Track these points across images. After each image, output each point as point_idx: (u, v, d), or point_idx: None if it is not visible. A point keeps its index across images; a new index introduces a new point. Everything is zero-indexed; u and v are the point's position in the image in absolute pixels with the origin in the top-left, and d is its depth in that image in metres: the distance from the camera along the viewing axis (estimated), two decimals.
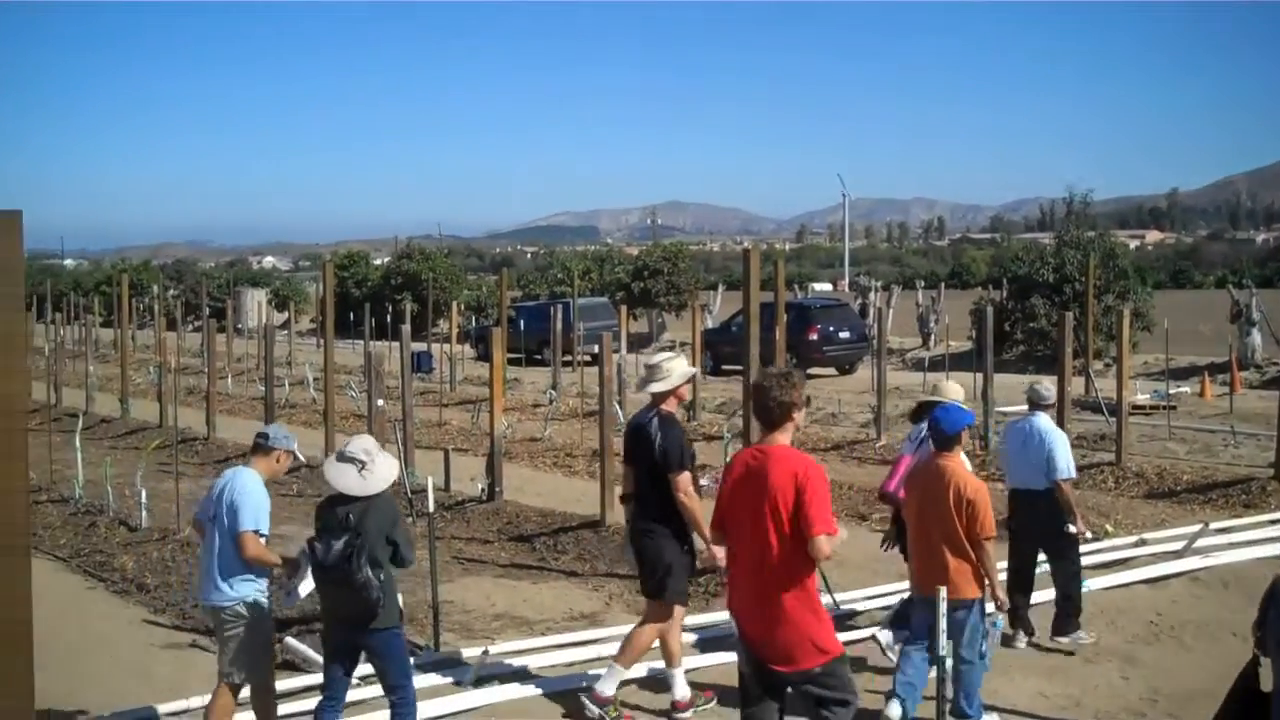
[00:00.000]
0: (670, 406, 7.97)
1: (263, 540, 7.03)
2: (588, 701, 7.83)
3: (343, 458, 6.90)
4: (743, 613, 6.09)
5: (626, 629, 9.64)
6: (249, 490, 7.02)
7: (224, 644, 7.10)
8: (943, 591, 6.36)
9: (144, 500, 13.36)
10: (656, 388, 7.96)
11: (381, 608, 6.65)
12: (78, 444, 15.44)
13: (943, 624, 6.29)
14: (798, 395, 6.05)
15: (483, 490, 14.39)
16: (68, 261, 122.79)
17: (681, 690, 7.95)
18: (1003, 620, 7.88)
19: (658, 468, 7.73)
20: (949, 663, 6.48)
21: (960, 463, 7.65)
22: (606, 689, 7.85)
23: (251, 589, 7.03)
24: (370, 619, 6.66)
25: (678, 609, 8.00)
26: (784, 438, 6.02)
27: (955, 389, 9.03)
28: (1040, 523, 9.33)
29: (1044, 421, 9.45)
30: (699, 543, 7.88)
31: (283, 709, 8.00)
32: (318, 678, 8.55)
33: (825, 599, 9.73)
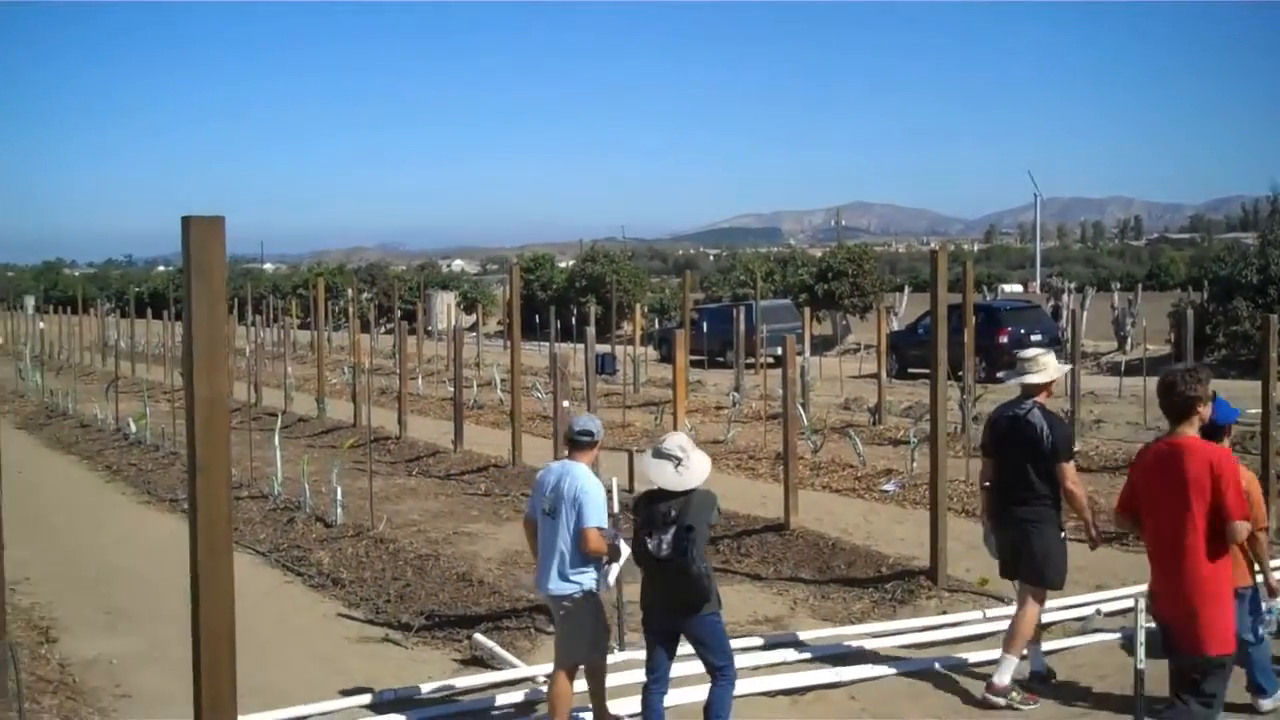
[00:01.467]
0: (1043, 399, 8.31)
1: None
2: (990, 696, 8.05)
3: (659, 454, 7.13)
4: (1159, 595, 6.51)
5: (810, 633, 9.59)
6: (590, 488, 7.32)
7: (565, 631, 7.45)
8: None
9: (339, 497, 13.74)
10: (1035, 379, 8.31)
11: (710, 594, 6.95)
12: (277, 442, 15.96)
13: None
14: (1203, 390, 6.45)
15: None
16: (267, 265, 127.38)
17: (1004, 677, 8.11)
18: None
19: (1041, 458, 8.06)
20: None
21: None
22: (1003, 679, 8.06)
23: (590, 578, 7.35)
24: (700, 606, 6.95)
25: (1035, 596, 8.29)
26: (1191, 430, 6.42)
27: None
28: None
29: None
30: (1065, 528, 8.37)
31: (463, 706, 8.16)
32: (506, 674, 8.70)
33: (1014, 608, 9.52)
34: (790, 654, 9.11)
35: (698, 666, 8.20)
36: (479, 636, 9.46)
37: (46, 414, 26.93)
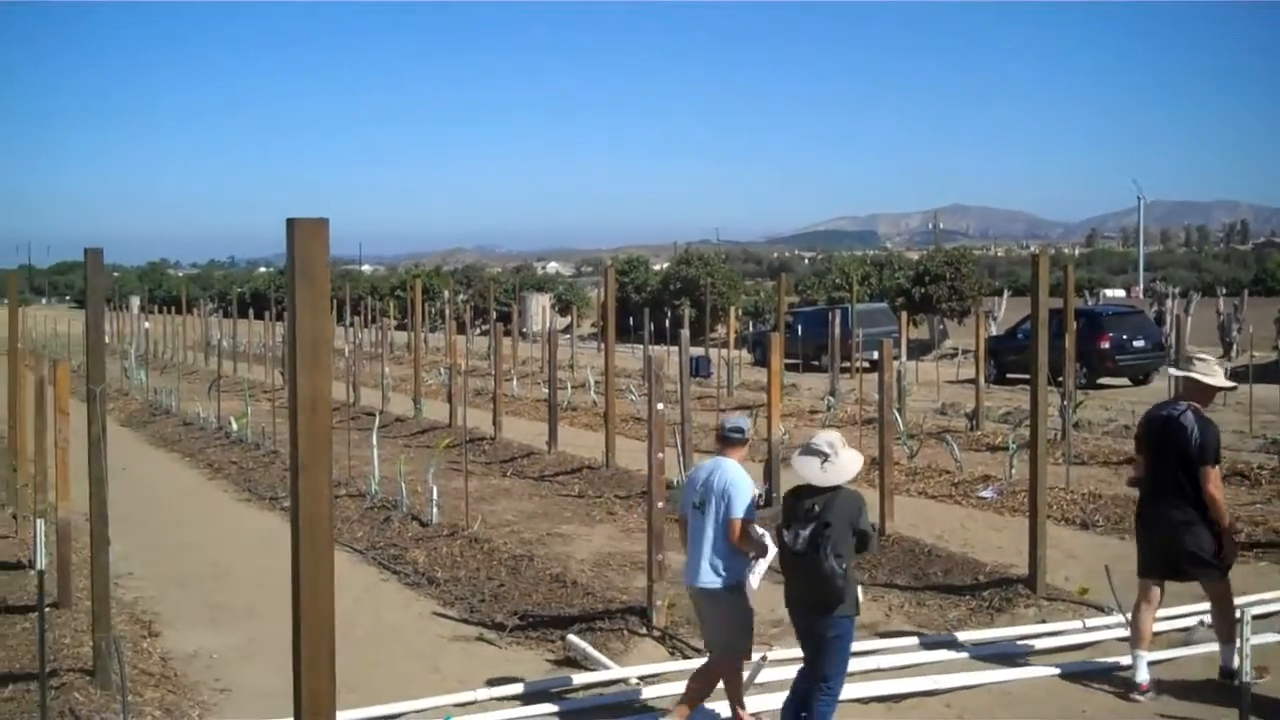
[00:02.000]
0: (1202, 404, 8.38)
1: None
2: (1139, 697, 8.11)
3: (808, 450, 7.19)
4: None
5: (905, 640, 9.49)
6: (740, 482, 7.48)
7: (711, 623, 7.65)
8: None
9: (435, 497, 13.86)
10: (1204, 378, 8.43)
11: (844, 595, 6.94)
12: (374, 442, 16.14)
13: None
14: None
15: (760, 496, 14.30)
16: (365, 267, 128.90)
17: (1144, 674, 8.21)
18: None
19: (1189, 460, 8.12)
20: None
21: None
22: (1141, 675, 8.22)
23: (736, 572, 7.44)
24: (833, 606, 6.97)
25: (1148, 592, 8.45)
26: None
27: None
28: None
29: None
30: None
31: (557, 706, 8.18)
32: (599, 675, 8.71)
33: (1115, 617, 9.34)
34: (885, 660, 9.03)
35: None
36: (572, 637, 9.49)
37: (150, 412, 27.51)
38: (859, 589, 7.25)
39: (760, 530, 7.43)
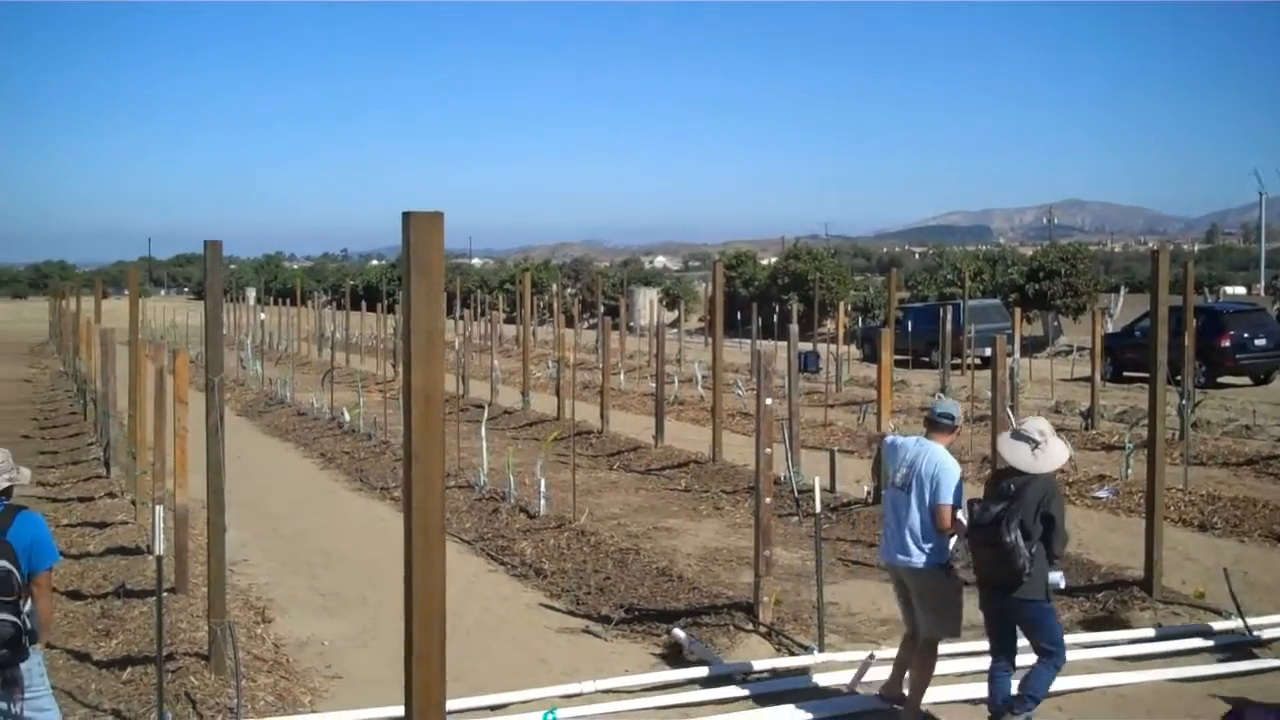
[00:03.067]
0: None
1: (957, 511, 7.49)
2: None
3: (1018, 435, 7.29)
4: None
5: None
6: (950, 468, 7.49)
7: (916, 603, 7.68)
8: None
9: (543, 489, 13.93)
10: None
11: (1027, 576, 7.00)
12: (483, 433, 16.26)
13: None
14: None
15: (869, 493, 14.23)
16: (475, 260, 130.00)
17: None
18: None
19: None
20: None
21: None
22: None
23: (944, 554, 7.52)
24: (1015, 585, 7.03)
25: None
26: None
27: None
28: None
29: None
30: None
31: (662, 700, 8.17)
32: (703, 670, 8.69)
33: (1234, 622, 9.11)
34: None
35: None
36: (678, 632, 9.47)
37: (265, 402, 28.02)
38: (1057, 574, 7.28)
39: (963, 516, 7.49)
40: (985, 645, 8.39)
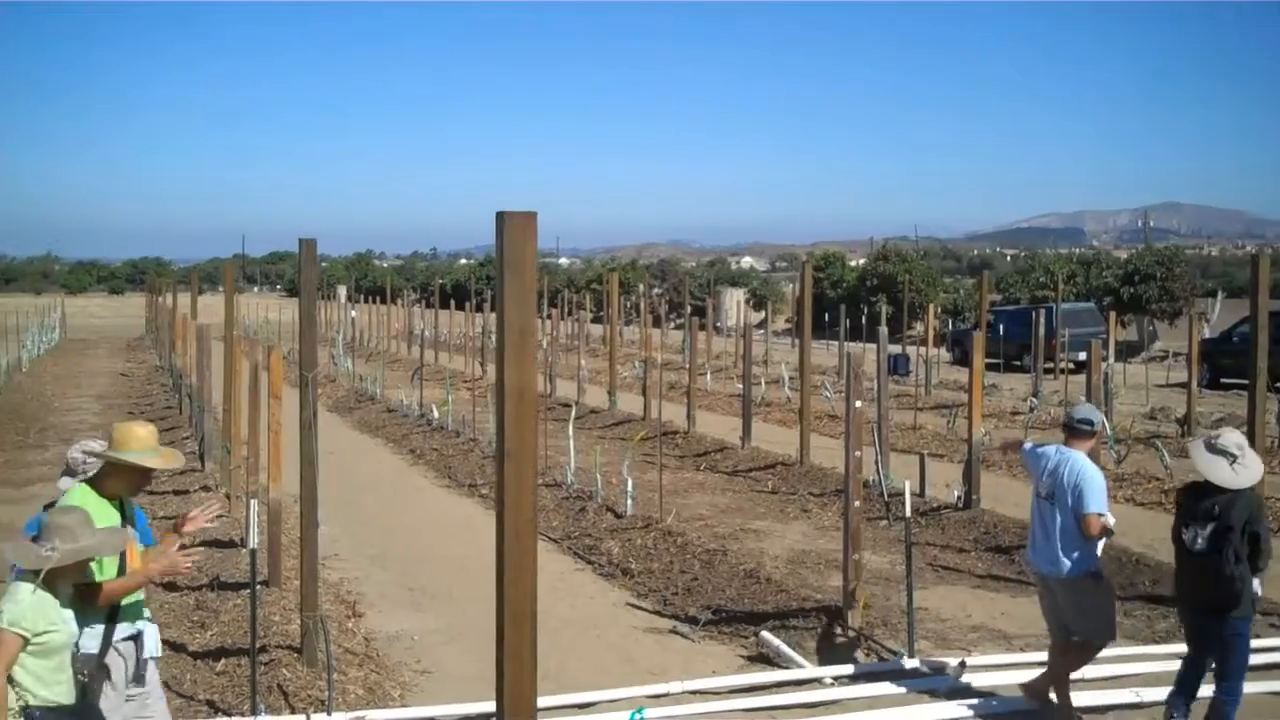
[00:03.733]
0: None
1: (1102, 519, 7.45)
2: None
3: (1214, 449, 7.17)
4: None
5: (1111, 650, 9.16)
6: (1092, 476, 7.47)
7: (1070, 610, 7.63)
8: None
9: (630, 489, 13.95)
10: None
11: (1239, 596, 6.92)
12: (570, 432, 16.32)
13: None
14: None
15: (959, 497, 14.08)
16: (562, 260, 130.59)
17: None
18: None
19: None
20: None
21: None
22: None
23: (1092, 560, 7.52)
24: (1229, 609, 6.96)
25: None
26: None
27: None
28: None
29: None
30: None
31: (750, 702, 8.14)
32: (791, 673, 8.64)
33: None
34: (1088, 670, 8.74)
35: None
36: (766, 634, 9.43)
37: (355, 398, 28.35)
38: (1257, 589, 7.15)
39: (1111, 519, 7.48)
40: (1130, 650, 8.41)
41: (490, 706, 4.59)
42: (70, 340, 51.71)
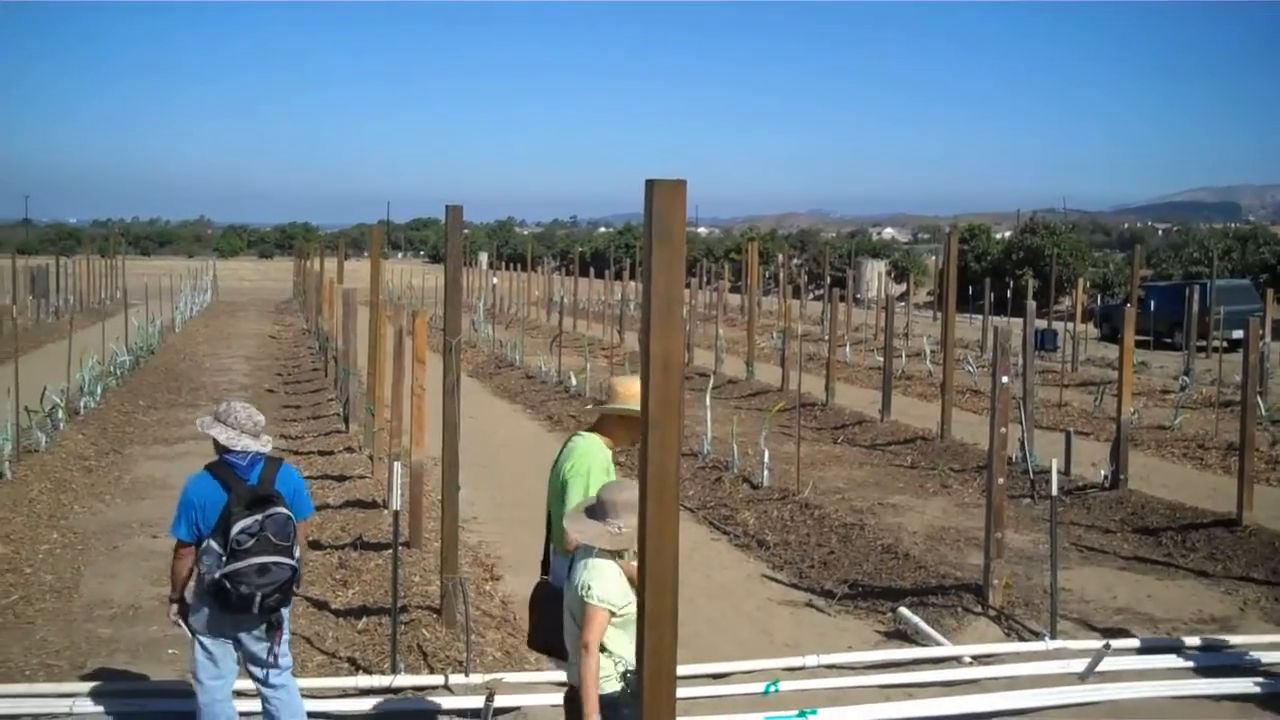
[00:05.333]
0: None
1: None
2: None
3: None
4: None
5: (1262, 638, 8.88)
6: None
7: None
8: None
9: (766, 460, 13.88)
10: None
11: None
12: (708, 402, 16.28)
13: None
14: None
15: (1105, 477, 13.74)
16: (701, 229, 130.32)
17: None
18: None
19: None
20: None
21: None
22: None
23: None
24: None
25: None
26: None
27: None
28: None
29: None
30: None
31: (886, 679, 8.06)
32: (930, 651, 8.52)
33: None
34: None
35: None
36: (904, 611, 9.32)
37: (495, 364, 28.66)
38: None
39: None
40: None
41: None
42: (221, 302, 53.15)
